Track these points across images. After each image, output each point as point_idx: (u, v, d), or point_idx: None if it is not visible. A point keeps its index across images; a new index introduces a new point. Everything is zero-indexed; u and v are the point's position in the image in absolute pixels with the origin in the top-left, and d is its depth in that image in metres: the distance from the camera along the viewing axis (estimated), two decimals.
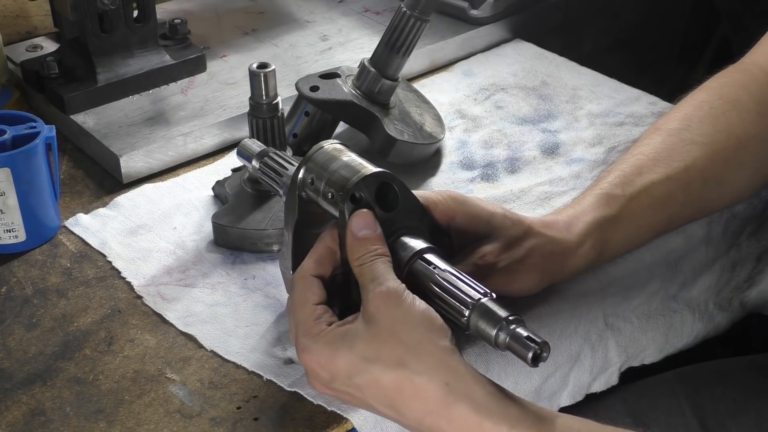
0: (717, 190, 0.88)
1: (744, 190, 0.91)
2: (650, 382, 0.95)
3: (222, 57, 1.18)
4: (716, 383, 0.93)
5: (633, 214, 0.84)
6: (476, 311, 0.68)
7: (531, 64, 1.20)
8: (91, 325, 0.83)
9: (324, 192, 0.73)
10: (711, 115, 0.89)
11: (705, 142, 0.87)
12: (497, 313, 0.67)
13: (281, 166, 0.80)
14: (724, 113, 0.89)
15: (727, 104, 0.89)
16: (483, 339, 0.68)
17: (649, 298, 0.91)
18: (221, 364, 0.79)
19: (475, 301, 0.68)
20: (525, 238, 0.79)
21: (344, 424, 0.73)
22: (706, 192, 0.87)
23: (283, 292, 0.85)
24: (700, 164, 0.87)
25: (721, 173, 0.87)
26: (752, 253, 0.98)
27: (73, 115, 1.05)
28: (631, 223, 0.84)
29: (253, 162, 0.82)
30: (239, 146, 0.84)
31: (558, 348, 0.85)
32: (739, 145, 0.88)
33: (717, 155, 0.87)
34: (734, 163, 0.88)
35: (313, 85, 0.97)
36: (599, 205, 0.83)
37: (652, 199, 0.85)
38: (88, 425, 0.73)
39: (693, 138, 0.88)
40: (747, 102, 0.89)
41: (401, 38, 0.96)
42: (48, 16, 1.15)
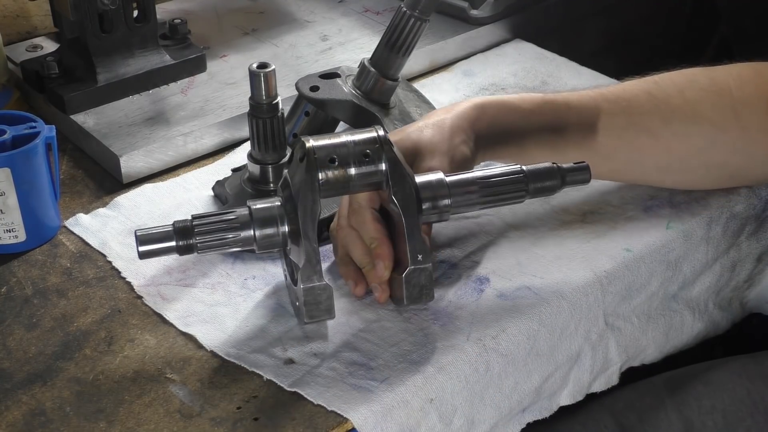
0: (648, 142, 0.86)
1: (686, 163, 0.88)
2: (638, 392, 0.94)
3: (222, 57, 1.18)
4: (704, 395, 0.93)
5: (540, 109, 0.86)
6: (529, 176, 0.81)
7: (531, 64, 1.20)
8: (91, 325, 0.83)
9: (356, 156, 0.77)
10: (684, 83, 0.88)
11: (657, 95, 0.87)
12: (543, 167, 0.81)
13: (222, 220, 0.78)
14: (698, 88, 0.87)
15: (709, 83, 0.88)
16: (546, 192, 0.81)
17: (649, 298, 0.91)
18: (221, 364, 0.79)
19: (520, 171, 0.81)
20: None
21: (344, 424, 0.73)
22: (633, 133, 0.86)
23: (283, 292, 0.85)
24: (637, 105, 0.86)
25: (657, 127, 0.86)
26: (752, 253, 0.99)
27: (73, 115, 1.05)
28: (536, 118, 0.86)
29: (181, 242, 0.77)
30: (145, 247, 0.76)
31: (558, 347, 0.85)
32: (693, 118, 0.86)
33: (660, 110, 0.86)
34: (678, 129, 0.86)
35: (313, 85, 0.97)
36: (510, 95, 0.89)
37: (567, 107, 0.86)
38: (88, 425, 0.73)
39: (649, 88, 0.87)
40: (732, 95, 0.87)
41: (401, 38, 0.96)
42: (48, 16, 1.15)
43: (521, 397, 0.84)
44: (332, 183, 0.77)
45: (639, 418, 0.92)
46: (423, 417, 0.76)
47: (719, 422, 0.90)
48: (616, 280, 0.87)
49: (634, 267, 0.88)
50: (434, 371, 0.77)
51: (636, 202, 0.95)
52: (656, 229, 0.91)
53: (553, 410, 0.89)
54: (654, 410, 0.92)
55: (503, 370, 0.81)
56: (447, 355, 0.78)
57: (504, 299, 0.84)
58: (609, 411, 0.92)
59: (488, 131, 0.86)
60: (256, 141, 0.90)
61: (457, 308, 0.83)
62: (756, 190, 0.96)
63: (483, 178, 0.80)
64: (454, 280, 0.86)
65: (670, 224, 0.92)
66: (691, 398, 0.92)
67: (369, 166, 0.78)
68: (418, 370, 0.77)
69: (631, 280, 0.88)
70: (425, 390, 0.76)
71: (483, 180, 0.80)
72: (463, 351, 0.79)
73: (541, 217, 0.93)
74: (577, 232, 0.91)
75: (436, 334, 0.80)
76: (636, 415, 0.92)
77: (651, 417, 0.92)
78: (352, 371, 0.77)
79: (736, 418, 0.91)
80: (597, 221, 0.92)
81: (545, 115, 0.86)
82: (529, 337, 0.82)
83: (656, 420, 0.91)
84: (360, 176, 0.78)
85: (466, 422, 0.80)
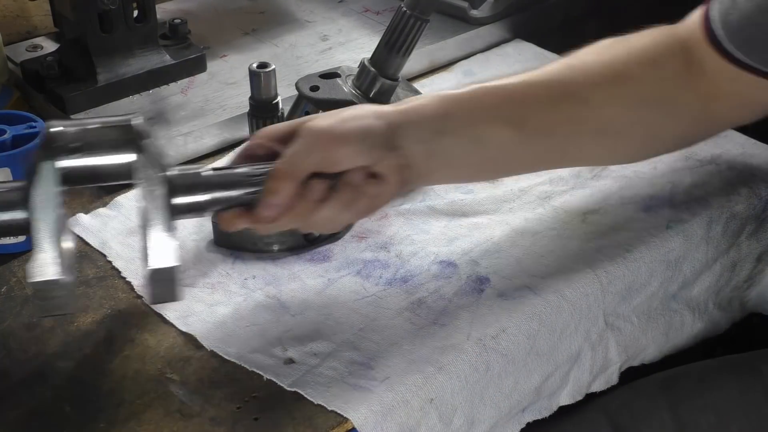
0: (583, 109, 0.85)
1: (617, 124, 0.86)
2: (633, 391, 0.94)
3: (222, 57, 1.18)
4: (698, 395, 0.93)
5: (479, 96, 0.83)
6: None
7: (531, 64, 1.19)
8: (91, 325, 0.83)
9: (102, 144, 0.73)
10: (600, 50, 0.88)
11: (577, 65, 0.86)
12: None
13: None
14: (614, 50, 0.87)
15: (623, 46, 0.88)
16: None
17: (649, 298, 0.91)
18: (221, 364, 0.79)
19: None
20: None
21: (344, 424, 0.73)
22: (567, 103, 0.84)
23: (283, 292, 0.85)
24: (564, 77, 0.85)
25: (587, 94, 0.85)
26: (752, 253, 0.99)
27: (73, 115, 1.05)
28: (477, 104, 0.82)
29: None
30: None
31: (558, 347, 0.85)
32: (614, 78, 0.86)
33: (585, 78, 0.85)
34: (607, 92, 0.85)
35: (313, 85, 0.97)
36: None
37: (502, 89, 0.84)
38: (88, 425, 0.73)
39: (569, 62, 0.87)
40: (647, 50, 0.87)
41: (401, 38, 0.95)
42: (48, 16, 1.15)
43: (521, 397, 0.84)
44: (74, 172, 0.73)
45: (633, 417, 0.92)
46: (423, 417, 0.76)
47: (712, 422, 0.91)
48: (616, 280, 0.87)
49: (634, 267, 0.88)
50: (434, 371, 0.77)
51: (636, 202, 0.95)
52: (656, 229, 0.91)
53: (552, 410, 0.89)
54: (647, 410, 0.92)
55: (503, 370, 0.81)
56: (447, 355, 0.78)
57: (504, 299, 0.84)
58: (603, 410, 0.92)
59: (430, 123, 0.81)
60: None
61: (457, 308, 0.83)
62: (756, 190, 0.96)
63: (251, 174, 0.75)
64: (454, 280, 0.86)
65: (670, 224, 0.92)
66: (684, 398, 0.92)
67: (116, 154, 0.73)
68: (418, 370, 0.77)
69: (631, 280, 0.88)
70: (425, 390, 0.76)
71: (250, 176, 0.75)
72: (463, 351, 0.79)
73: (541, 217, 0.93)
74: (577, 232, 0.91)
75: (436, 334, 0.80)
76: (630, 415, 0.92)
77: (645, 417, 0.92)
78: (352, 371, 0.77)
79: (729, 418, 0.91)
80: (597, 221, 0.93)
81: (483, 100, 0.84)
82: (529, 337, 0.82)
83: (650, 420, 0.92)
84: (108, 167, 0.73)
85: (466, 422, 0.80)
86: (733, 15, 0.82)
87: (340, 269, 0.88)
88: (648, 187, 0.96)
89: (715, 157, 1.00)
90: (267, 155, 0.78)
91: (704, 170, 0.99)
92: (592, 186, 0.96)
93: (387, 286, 0.85)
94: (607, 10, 1.38)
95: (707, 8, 0.85)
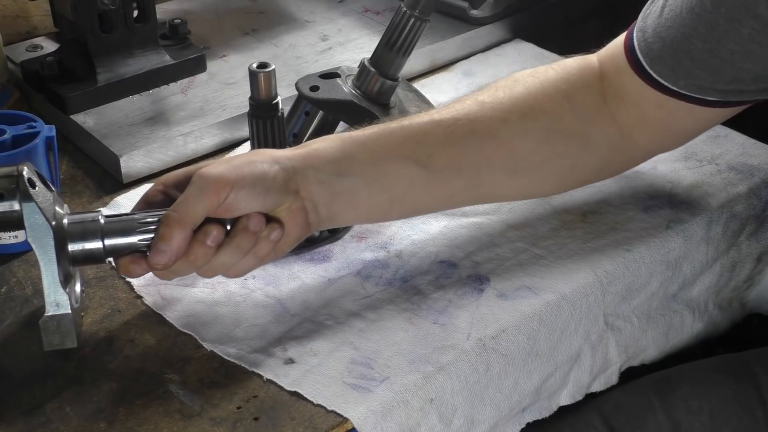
0: (491, 144, 0.84)
1: (531, 160, 0.85)
2: (627, 393, 0.94)
3: (222, 57, 1.18)
4: (692, 396, 0.93)
5: (379, 136, 0.82)
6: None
7: (531, 64, 1.20)
8: (91, 325, 0.83)
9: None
10: (511, 85, 0.87)
11: (486, 101, 0.85)
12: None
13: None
14: (525, 85, 0.86)
15: (535, 80, 0.87)
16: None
17: (649, 298, 0.91)
18: (221, 364, 0.79)
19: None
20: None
21: (344, 424, 0.73)
22: (476, 139, 0.83)
23: (283, 292, 0.85)
24: (472, 113, 0.84)
25: (496, 129, 0.84)
26: (752, 253, 0.99)
27: (73, 115, 1.05)
28: (378, 144, 0.81)
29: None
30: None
31: (558, 347, 0.85)
32: (526, 113, 0.85)
33: (495, 113, 0.84)
34: (515, 126, 0.84)
35: (313, 85, 0.97)
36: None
37: (404, 129, 0.82)
38: (88, 425, 0.73)
39: (477, 97, 0.86)
40: (559, 84, 0.87)
41: (401, 38, 0.96)
42: (48, 16, 1.15)
43: (521, 397, 0.84)
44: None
45: (627, 419, 0.92)
46: (423, 417, 0.77)
47: (706, 423, 0.91)
48: (616, 280, 0.87)
49: (634, 267, 0.88)
50: (434, 371, 0.77)
51: (636, 202, 0.95)
52: (656, 229, 0.91)
53: (552, 410, 0.89)
54: (642, 411, 0.92)
55: (503, 370, 0.81)
56: (447, 355, 0.78)
57: (504, 299, 0.84)
58: (598, 412, 0.92)
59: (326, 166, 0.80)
60: (256, 141, 0.90)
61: (457, 308, 0.83)
62: (756, 190, 0.96)
63: (144, 222, 0.76)
64: (454, 280, 0.86)
65: (670, 224, 0.92)
66: (678, 399, 0.92)
67: (2, 204, 0.74)
68: (418, 370, 0.77)
69: (631, 280, 0.88)
70: (425, 390, 0.76)
71: (143, 223, 0.76)
72: (463, 351, 0.79)
73: (541, 217, 0.93)
74: (577, 232, 0.91)
75: (436, 334, 0.80)
76: (624, 417, 0.92)
77: (639, 418, 0.92)
78: (352, 371, 0.77)
79: (723, 419, 0.91)
80: (597, 221, 0.93)
81: (384, 139, 0.83)
82: (529, 337, 0.82)
83: (644, 421, 0.92)
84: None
85: (466, 422, 0.80)
86: (656, 44, 0.82)
87: (340, 269, 0.88)
88: (648, 187, 0.96)
89: (715, 157, 1.00)
90: (165, 201, 0.78)
91: (704, 170, 0.99)
92: (593, 186, 0.96)
93: (387, 286, 0.85)
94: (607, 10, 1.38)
95: (628, 36, 0.85)
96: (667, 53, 0.81)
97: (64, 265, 0.75)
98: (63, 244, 0.75)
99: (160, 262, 0.74)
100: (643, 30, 0.84)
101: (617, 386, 0.93)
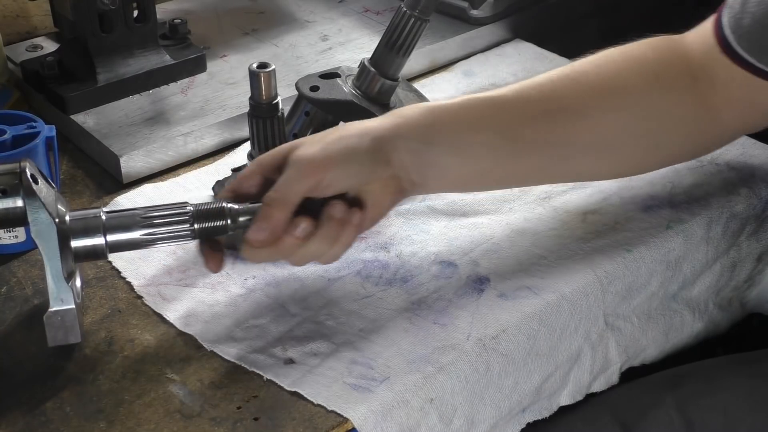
0: (578, 122, 0.84)
1: (617, 138, 0.86)
2: (638, 389, 0.94)
3: (222, 57, 1.18)
4: (706, 394, 0.92)
5: (466, 106, 0.83)
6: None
7: (531, 64, 1.20)
8: (91, 325, 0.83)
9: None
10: (600, 62, 0.87)
11: (577, 77, 0.86)
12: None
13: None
14: (615, 62, 0.87)
15: (623, 57, 0.87)
16: (216, 233, 0.78)
17: (649, 298, 0.91)
18: (221, 364, 0.79)
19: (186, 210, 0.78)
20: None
21: (344, 424, 0.73)
22: (562, 116, 0.84)
23: (283, 292, 0.85)
24: (560, 89, 0.85)
25: (584, 106, 0.84)
26: (752, 253, 0.99)
27: (73, 115, 1.05)
28: (465, 114, 0.82)
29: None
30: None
31: (558, 347, 0.85)
32: (615, 90, 0.85)
33: (584, 90, 0.85)
34: (605, 104, 0.85)
35: (313, 85, 0.97)
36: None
37: (491, 100, 0.83)
38: (88, 425, 0.73)
39: (567, 73, 0.86)
40: (648, 60, 0.87)
41: (401, 38, 0.95)
42: (48, 16, 1.15)
43: (521, 397, 0.84)
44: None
45: (639, 416, 0.92)
46: (423, 417, 0.77)
47: (720, 421, 0.90)
48: (616, 280, 0.87)
49: (634, 267, 0.88)
50: (434, 371, 0.77)
51: (636, 202, 0.95)
52: (656, 229, 0.91)
53: (553, 410, 0.89)
54: (654, 408, 0.92)
55: (503, 370, 0.81)
56: (447, 355, 0.78)
57: (504, 299, 0.84)
58: (610, 409, 0.92)
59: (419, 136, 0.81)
60: (256, 141, 0.90)
61: (457, 308, 0.83)
62: (756, 190, 0.96)
63: (146, 216, 0.77)
64: (454, 280, 0.86)
65: (670, 224, 0.92)
66: (691, 397, 0.92)
67: (5, 200, 0.75)
68: (418, 370, 0.77)
69: (631, 280, 0.88)
70: (425, 390, 0.76)
71: (145, 218, 0.77)
72: (463, 351, 0.79)
73: (541, 217, 0.93)
74: (577, 232, 0.91)
75: (436, 334, 0.80)
76: (636, 413, 0.92)
77: (651, 415, 0.92)
78: (352, 371, 0.77)
79: (737, 417, 0.91)
80: (597, 221, 0.93)
81: (471, 111, 0.84)
82: (529, 337, 0.82)
83: (657, 418, 0.91)
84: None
85: (466, 422, 0.80)
86: (745, 19, 0.82)
87: (340, 269, 0.88)
88: (648, 187, 0.96)
89: (715, 157, 1.00)
90: (260, 185, 0.80)
91: (704, 170, 0.99)
92: (592, 186, 0.96)
93: (387, 286, 0.85)
94: (607, 10, 1.38)
95: (719, 15, 0.85)
96: (753, 30, 0.81)
97: (66, 261, 0.75)
98: (66, 240, 0.75)
99: (258, 239, 0.76)
100: (732, 6, 0.83)
101: (628, 383, 0.93)
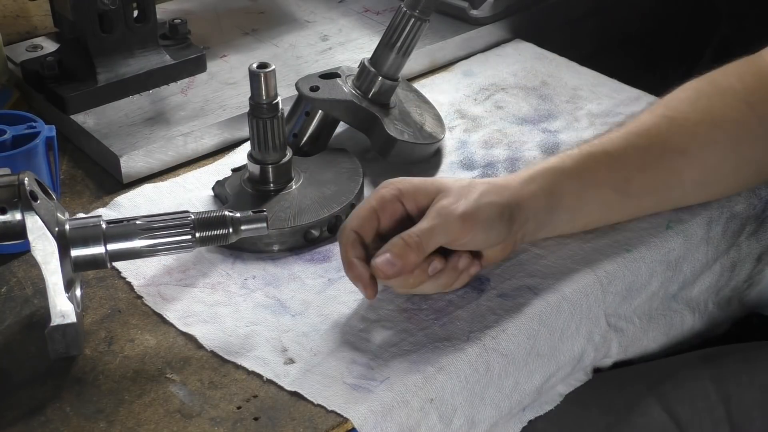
0: (682, 161, 0.87)
1: (719, 170, 0.89)
2: (673, 363, 0.94)
3: (222, 57, 1.18)
4: (742, 371, 0.93)
5: (586, 167, 0.85)
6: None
7: (531, 64, 1.20)
8: (91, 325, 0.83)
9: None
10: (692, 97, 0.89)
11: (674, 116, 0.88)
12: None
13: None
14: (707, 95, 0.89)
15: (714, 89, 0.89)
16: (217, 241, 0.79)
17: (649, 298, 0.91)
18: (221, 364, 0.79)
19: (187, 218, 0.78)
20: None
21: (344, 424, 0.73)
22: (668, 159, 0.86)
23: (283, 292, 0.85)
24: (663, 131, 0.87)
25: (686, 144, 0.87)
26: (752, 253, 0.99)
27: (73, 115, 1.05)
28: (585, 176, 0.85)
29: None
30: None
31: (559, 347, 0.85)
32: (713, 123, 0.87)
33: (683, 128, 0.87)
34: (704, 139, 0.87)
35: (313, 85, 0.97)
36: (549, 158, 0.86)
37: (607, 155, 0.86)
38: (88, 425, 0.73)
39: (664, 112, 0.88)
40: (738, 90, 0.89)
41: (401, 38, 0.96)
42: (48, 16, 1.15)
43: (522, 397, 0.84)
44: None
45: (675, 387, 0.92)
46: (423, 417, 0.76)
47: (757, 397, 0.90)
48: (617, 280, 0.87)
49: (634, 267, 0.88)
50: (434, 371, 0.77)
51: None
52: (656, 229, 0.91)
53: (556, 402, 0.89)
54: (691, 381, 0.92)
55: (503, 370, 0.81)
56: (447, 355, 0.78)
57: (504, 299, 0.84)
58: (644, 379, 0.92)
59: (539, 200, 0.84)
60: (256, 141, 0.90)
61: (457, 308, 0.83)
62: (756, 190, 0.96)
63: (146, 226, 0.78)
64: None
65: (670, 224, 0.92)
66: (728, 373, 0.92)
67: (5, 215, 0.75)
68: (418, 370, 0.77)
69: (631, 281, 0.88)
70: (425, 390, 0.76)
71: (146, 227, 0.78)
72: (463, 351, 0.79)
73: None
74: (577, 232, 0.91)
75: (436, 334, 0.80)
76: (672, 385, 0.92)
77: (688, 387, 0.92)
78: (352, 371, 0.77)
79: None
80: None
81: (591, 171, 0.86)
82: (530, 337, 0.82)
83: (693, 390, 0.91)
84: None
85: (466, 422, 0.80)
86: None
87: (340, 269, 0.87)
88: None
89: None
90: (398, 211, 0.82)
91: None
92: None
93: (387, 286, 0.85)
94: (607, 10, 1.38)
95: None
96: None
97: (67, 272, 0.76)
98: (66, 251, 0.76)
99: (384, 272, 0.78)
100: None
101: (663, 357, 0.94)
